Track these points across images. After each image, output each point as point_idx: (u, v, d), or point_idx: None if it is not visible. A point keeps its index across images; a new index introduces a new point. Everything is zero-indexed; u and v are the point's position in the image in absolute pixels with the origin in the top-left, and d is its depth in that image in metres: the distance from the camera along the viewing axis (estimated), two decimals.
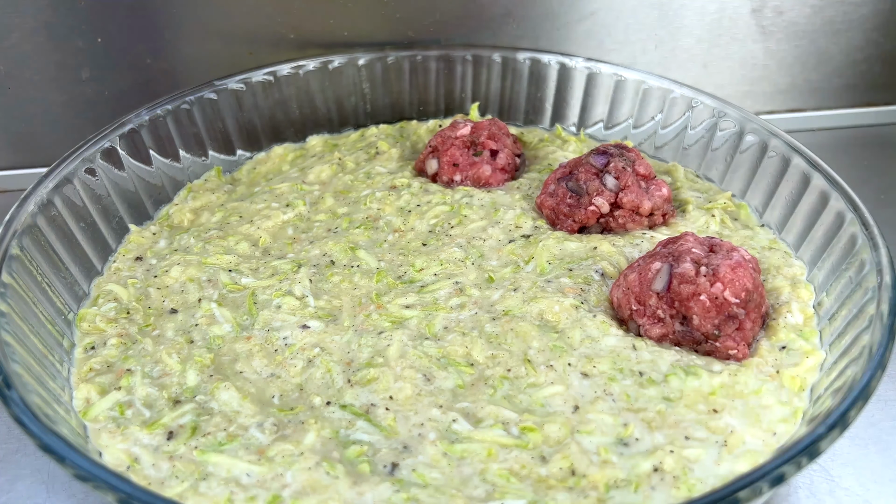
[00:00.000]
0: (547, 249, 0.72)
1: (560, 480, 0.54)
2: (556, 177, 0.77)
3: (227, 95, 0.86)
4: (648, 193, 0.74)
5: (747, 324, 0.62)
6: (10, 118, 0.92)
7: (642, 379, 0.60)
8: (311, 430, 0.57)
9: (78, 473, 0.49)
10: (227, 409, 0.59)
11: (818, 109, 1.06)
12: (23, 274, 0.64)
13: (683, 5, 0.97)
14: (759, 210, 0.79)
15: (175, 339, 0.65)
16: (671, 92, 0.87)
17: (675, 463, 0.55)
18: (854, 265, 0.66)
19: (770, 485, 0.48)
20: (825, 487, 0.62)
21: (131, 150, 0.79)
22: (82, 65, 0.90)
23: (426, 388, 0.60)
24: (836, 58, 1.03)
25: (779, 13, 0.98)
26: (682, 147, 0.87)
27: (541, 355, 0.62)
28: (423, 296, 0.68)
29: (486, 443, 0.56)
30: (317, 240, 0.75)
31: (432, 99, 0.95)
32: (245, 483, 0.53)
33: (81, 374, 0.62)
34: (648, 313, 0.63)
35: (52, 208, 0.70)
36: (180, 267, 0.71)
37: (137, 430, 0.57)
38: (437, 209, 0.77)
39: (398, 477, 0.54)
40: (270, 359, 0.63)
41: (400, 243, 0.74)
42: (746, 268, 0.63)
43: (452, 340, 0.63)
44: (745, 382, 0.60)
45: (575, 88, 0.92)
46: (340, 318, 0.66)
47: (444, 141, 0.83)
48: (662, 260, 0.64)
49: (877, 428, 0.67)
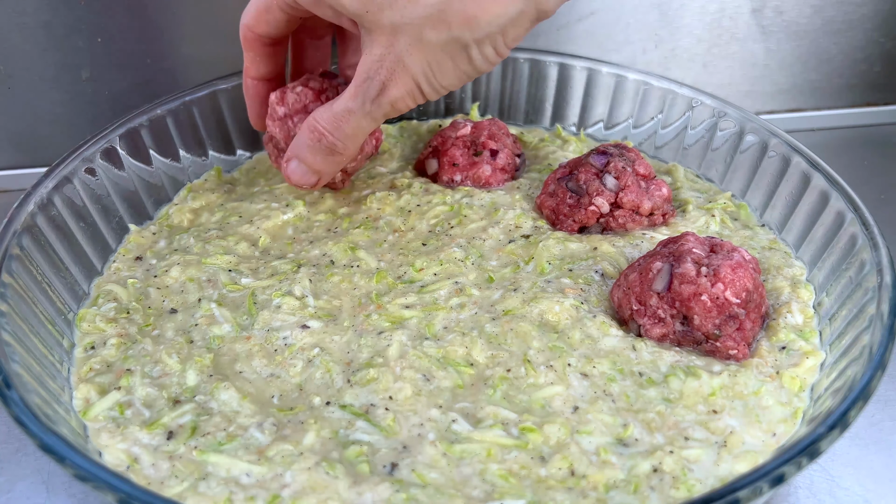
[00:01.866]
0: (547, 249, 0.72)
1: (559, 481, 0.54)
2: (556, 177, 0.77)
3: (227, 95, 0.86)
4: (648, 193, 0.74)
5: (747, 324, 0.62)
6: (10, 118, 0.92)
7: (642, 379, 0.60)
8: (310, 430, 0.57)
9: (78, 473, 0.49)
10: (227, 409, 0.59)
11: (818, 109, 1.06)
12: (23, 274, 0.64)
13: (683, 5, 0.97)
14: (759, 210, 0.79)
15: (175, 339, 0.65)
16: (671, 92, 0.87)
17: (675, 463, 0.55)
18: (854, 265, 0.66)
19: (770, 485, 0.48)
20: (825, 487, 0.62)
21: (131, 150, 0.79)
22: (82, 65, 0.90)
23: (426, 388, 0.60)
24: (836, 58, 1.03)
25: (779, 13, 0.98)
26: (682, 147, 0.87)
27: (541, 355, 0.62)
28: (423, 296, 0.68)
29: (486, 443, 0.56)
30: (317, 240, 0.75)
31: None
32: (245, 483, 0.53)
33: (81, 374, 0.62)
34: (649, 313, 0.63)
35: (52, 208, 0.70)
36: (180, 267, 0.71)
37: (137, 429, 0.57)
38: (438, 209, 0.77)
39: (398, 477, 0.54)
40: (270, 359, 0.63)
41: (400, 243, 0.74)
42: (747, 268, 0.63)
43: (452, 340, 0.63)
44: (744, 383, 0.60)
45: (575, 88, 0.92)
46: (340, 318, 0.66)
47: (444, 141, 0.83)
48: (663, 260, 0.64)
49: (877, 428, 0.67)
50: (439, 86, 0.62)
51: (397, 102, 0.64)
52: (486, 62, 0.60)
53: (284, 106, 0.74)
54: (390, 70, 0.62)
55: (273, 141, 0.76)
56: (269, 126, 0.76)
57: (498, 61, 0.61)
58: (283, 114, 0.74)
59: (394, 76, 0.62)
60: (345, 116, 0.66)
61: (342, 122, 0.66)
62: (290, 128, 0.74)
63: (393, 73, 0.62)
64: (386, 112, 0.65)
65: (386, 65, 0.62)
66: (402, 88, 0.62)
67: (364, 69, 0.63)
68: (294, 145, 0.70)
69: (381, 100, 0.63)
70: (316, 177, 0.71)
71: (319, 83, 0.74)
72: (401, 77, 0.62)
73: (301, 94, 0.73)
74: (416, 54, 0.60)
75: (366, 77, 0.63)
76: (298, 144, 0.70)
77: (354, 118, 0.66)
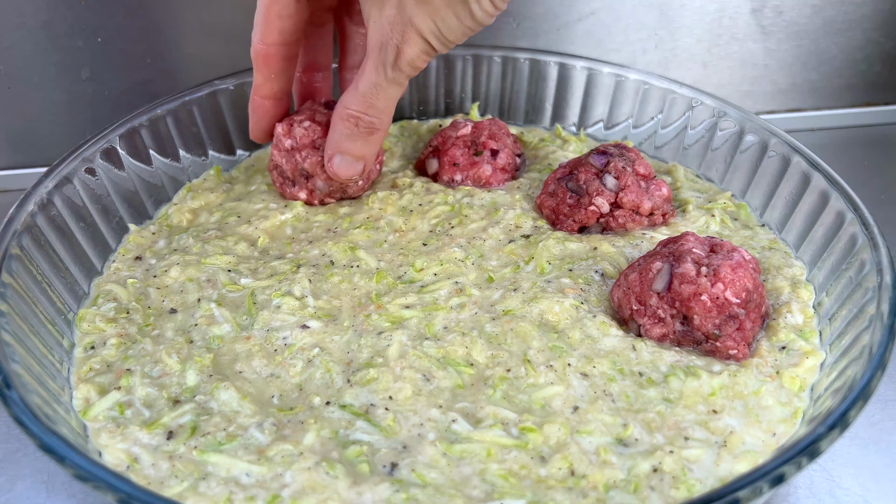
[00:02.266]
0: (547, 249, 0.72)
1: (559, 481, 0.54)
2: (556, 177, 0.77)
3: (227, 95, 0.86)
4: (648, 193, 0.74)
5: (747, 324, 0.62)
6: (10, 118, 0.92)
7: (642, 379, 0.60)
8: (310, 429, 0.57)
9: (78, 473, 0.49)
10: (227, 408, 0.59)
11: (818, 109, 1.06)
12: (23, 274, 0.64)
13: (683, 5, 0.97)
14: (759, 210, 0.79)
15: (175, 339, 0.65)
16: (671, 92, 0.87)
17: (675, 463, 0.55)
18: (854, 265, 0.66)
19: (770, 485, 0.48)
20: (825, 487, 0.62)
21: (131, 149, 0.79)
22: (82, 65, 0.90)
23: (426, 388, 0.60)
24: (836, 58, 1.03)
25: (779, 13, 0.98)
26: (682, 147, 0.87)
27: (540, 355, 0.62)
28: (423, 296, 0.68)
29: (486, 443, 0.56)
30: (316, 240, 0.75)
31: (432, 98, 0.95)
32: (244, 483, 0.53)
33: (81, 374, 0.62)
34: (649, 313, 0.63)
35: (52, 208, 0.70)
36: (179, 267, 0.71)
37: (137, 429, 0.57)
38: (439, 209, 0.77)
39: (397, 477, 0.54)
40: (270, 359, 0.63)
41: (400, 243, 0.74)
42: (747, 268, 0.63)
43: (452, 340, 0.63)
44: (744, 383, 0.60)
45: (575, 88, 0.92)
46: (340, 318, 0.66)
47: (444, 140, 0.83)
48: (663, 260, 0.64)
49: (877, 428, 0.67)
50: (447, 41, 0.64)
51: (415, 61, 0.65)
52: (486, 14, 0.62)
53: (291, 139, 0.75)
54: (401, 33, 0.63)
55: (278, 169, 0.78)
56: (274, 155, 0.77)
57: (496, 13, 0.63)
58: (290, 146, 0.75)
59: (406, 37, 0.64)
60: (373, 91, 0.67)
61: (373, 97, 0.68)
62: (297, 161, 0.75)
63: (404, 35, 0.64)
64: (408, 74, 0.66)
65: (397, 28, 0.63)
66: (417, 47, 0.64)
67: (375, 39, 0.65)
68: (332, 141, 0.72)
69: (400, 63, 0.65)
70: (361, 163, 0.73)
71: (326, 116, 0.76)
72: (412, 37, 0.63)
73: (309, 129, 0.75)
74: (422, 14, 0.62)
75: (380, 46, 0.65)
76: (337, 138, 0.71)
77: (383, 90, 0.67)
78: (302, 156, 0.75)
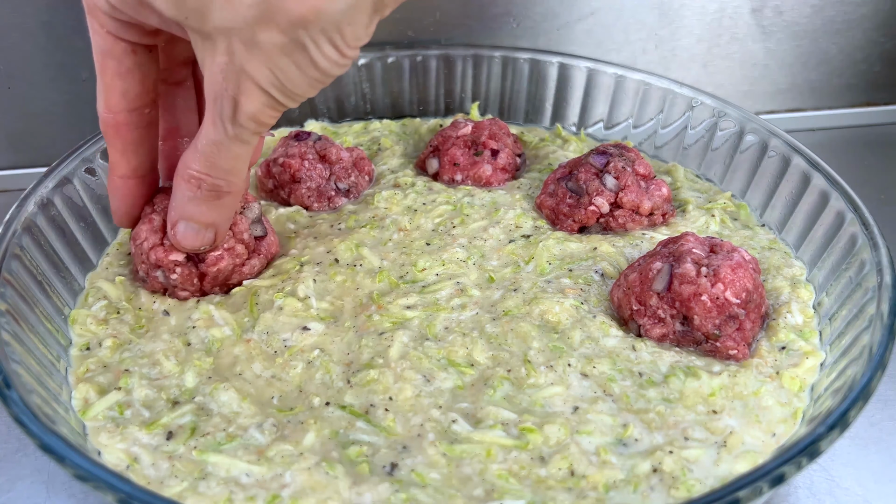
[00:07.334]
0: (547, 250, 0.72)
1: (559, 481, 0.54)
2: (556, 177, 0.77)
3: None
4: (648, 193, 0.74)
5: (747, 324, 0.62)
6: (10, 118, 0.92)
7: (642, 380, 0.60)
8: (310, 430, 0.57)
9: (78, 473, 0.49)
10: (227, 409, 0.59)
11: (818, 109, 1.06)
12: (22, 273, 0.64)
13: (683, 5, 0.97)
14: (759, 210, 0.79)
15: (171, 341, 0.64)
16: (671, 92, 0.87)
17: (675, 463, 0.55)
18: (854, 265, 0.66)
19: (770, 485, 0.48)
20: (825, 487, 0.62)
21: None
22: (82, 65, 0.90)
23: (426, 388, 0.60)
24: (836, 58, 1.03)
25: (779, 13, 0.98)
26: (682, 147, 0.87)
27: (541, 356, 0.62)
28: (425, 296, 0.68)
29: (486, 443, 0.56)
30: (321, 236, 0.74)
31: (432, 98, 0.95)
32: (244, 483, 0.53)
33: (79, 373, 0.62)
34: (649, 313, 0.63)
35: (52, 208, 0.70)
36: None
37: (137, 429, 0.57)
38: (441, 208, 0.77)
39: (397, 477, 0.54)
40: (270, 361, 0.63)
41: (404, 242, 0.74)
42: (747, 268, 0.63)
43: (453, 341, 0.63)
44: (744, 383, 0.60)
45: (575, 88, 0.92)
46: (342, 319, 0.66)
47: (444, 140, 0.83)
48: (663, 260, 0.64)
49: (877, 428, 0.67)
50: (292, 93, 0.54)
51: (258, 116, 0.55)
52: (332, 63, 0.53)
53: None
54: (235, 83, 0.53)
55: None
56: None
57: (345, 62, 0.54)
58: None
59: (241, 88, 0.53)
60: (214, 150, 0.57)
61: (214, 157, 0.58)
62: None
63: (240, 86, 0.53)
64: (252, 130, 0.56)
65: (230, 77, 0.53)
66: (257, 101, 0.54)
67: (210, 90, 0.55)
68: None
69: (240, 117, 0.55)
70: (212, 231, 0.63)
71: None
72: (249, 88, 0.53)
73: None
74: (254, 62, 0.52)
75: (214, 97, 0.55)
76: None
77: (224, 148, 0.57)
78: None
